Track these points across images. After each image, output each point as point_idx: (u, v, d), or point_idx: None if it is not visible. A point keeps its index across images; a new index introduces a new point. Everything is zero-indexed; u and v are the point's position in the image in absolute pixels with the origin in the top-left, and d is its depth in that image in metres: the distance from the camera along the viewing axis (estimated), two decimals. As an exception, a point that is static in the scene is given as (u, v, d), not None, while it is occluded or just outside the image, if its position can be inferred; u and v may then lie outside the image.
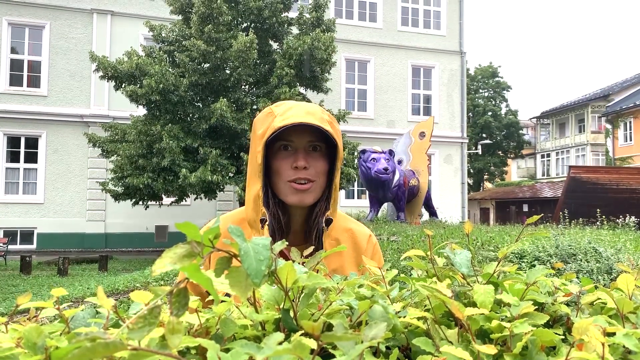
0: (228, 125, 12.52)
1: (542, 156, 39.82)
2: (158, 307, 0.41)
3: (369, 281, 0.67)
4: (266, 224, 1.19)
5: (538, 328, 0.54)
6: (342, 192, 19.35)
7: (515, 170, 45.70)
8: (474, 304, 0.59)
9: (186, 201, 15.50)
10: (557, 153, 37.80)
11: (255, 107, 13.27)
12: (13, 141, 17.43)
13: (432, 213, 11.21)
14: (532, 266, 4.18)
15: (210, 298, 0.49)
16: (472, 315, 0.55)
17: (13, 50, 17.62)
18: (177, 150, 12.22)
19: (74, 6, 17.82)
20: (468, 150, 26.43)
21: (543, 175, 39.34)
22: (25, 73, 17.55)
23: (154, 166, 12.59)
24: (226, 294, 0.59)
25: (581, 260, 4.81)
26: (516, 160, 44.70)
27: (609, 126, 30.36)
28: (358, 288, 0.65)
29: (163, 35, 14.34)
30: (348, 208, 15.19)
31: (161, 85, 12.29)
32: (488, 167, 38.91)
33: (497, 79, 39.82)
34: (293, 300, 0.58)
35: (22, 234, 17.13)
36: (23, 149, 17.44)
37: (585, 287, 0.70)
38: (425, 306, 0.63)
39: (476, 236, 6.54)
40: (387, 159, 8.70)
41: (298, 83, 14.08)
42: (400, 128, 19.63)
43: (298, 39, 13.64)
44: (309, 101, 11.21)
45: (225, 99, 12.37)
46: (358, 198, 20.19)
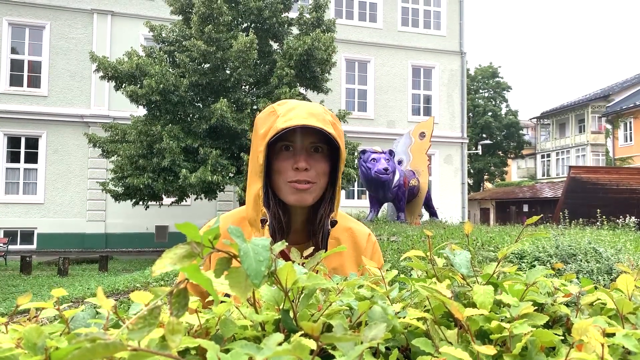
0: (228, 125, 12.52)
1: (542, 156, 39.81)
2: (158, 308, 0.41)
3: (369, 282, 0.67)
4: (266, 224, 1.19)
5: (537, 329, 0.54)
6: (342, 192, 19.29)
7: (515, 170, 45.69)
8: (474, 305, 0.59)
9: (186, 201, 15.51)
10: (557, 153, 37.79)
11: (255, 108, 13.27)
12: (13, 141, 17.44)
13: (432, 213, 11.21)
14: (532, 266, 4.18)
15: (210, 298, 0.49)
16: (472, 315, 0.55)
17: (13, 50, 17.62)
18: (178, 150, 12.23)
19: (74, 6, 17.82)
20: (468, 150, 26.43)
21: (543, 175, 39.33)
22: (25, 73, 17.56)
23: (154, 166, 12.60)
24: (226, 295, 0.59)
25: (581, 260, 4.81)
26: (516, 160, 44.70)
27: (609, 126, 30.35)
28: (358, 289, 0.65)
29: (163, 35, 14.34)
30: (348, 208, 15.16)
31: (161, 85, 12.30)
32: (488, 168, 38.91)
33: (497, 79, 39.82)
34: (293, 300, 0.58)
35: (23, 234, 17.14)
36: (23, 149, 17.44)
37: (585, 288, 0.70)
38: (425, 307, 0.63)
39: (476, 236, 6.54)
40: (387, 159, 8.70)
41: (298, 83, 14.08)
42: (400, 128, 19.64)
43: (298, 39, 13.63)
44: (310, 101, 11.20)
45: (225, 99, 12.38)
46: (358, 198, 20.19)
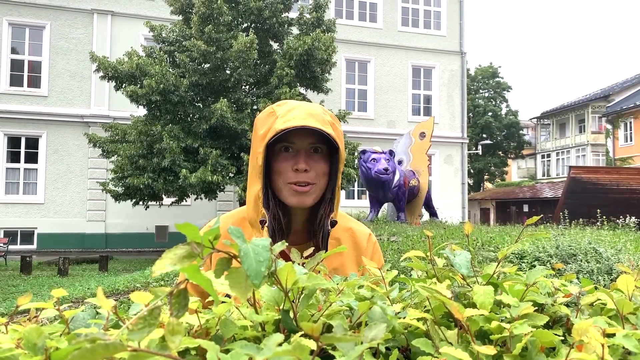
0: (228, 125, 12.52)
1: (543, 156, 39.81)
2: (158, 308, 0.41)
3: (369, 282, 0.67)
4: (266, 226, 1.19)
5: (538, 329, 0.54)
6: (342, 192, 19.33)
7: (515, 170, 45.69)
8: (474, 305, 0.59)
9: (186, 201, 15.52)
10: (558, 153, 37.78)
11: (255, 108, 13.27)
12: (13, 141, 17.44)
13: (433, 213, 11.21)
14: (532, 267, 4.18)
15: (210, 298, 0.49)
16: (472, 316, 0.55)
17: (13, 50, 17.63)
18: (178, 150, 12.23)
19: (74, 6, 17.82)
20: (468, 150, 26.42)
21: (543, 175, 39.33)
22: (25, 73, 17.56)
23: (154, 166, 12.60)
24: (226, 295, 0.59)
25: (581, 260, 4.80)
26: (516, 160, 44.70)
27: (609, 126, 30.35)
28: (358, 289, 0.65)
29: (163, 35, 14.34)
30: (348, 208, 15.16)
31: (161, 85, 12.30)
32: (488, 168, 38.91)
33: (498, 79, 39.82)
34: (293, 301, 0.58)
35: (23, 234, 17.14)
36: (23, 149, 17.45)
37: (585, 288, 0.70)
38: (425, 307, 0.63)
39: (476, 237, 6.54)
40: (388, 160, 8.70)
41: (298, 83, 14.08)
42: (400, 128, 19.64)
43: (298, 39, 13.63)
44: (310, 101, 11.20)
45: (225, 99, 12.38)
46: (358, 198, 20.20)
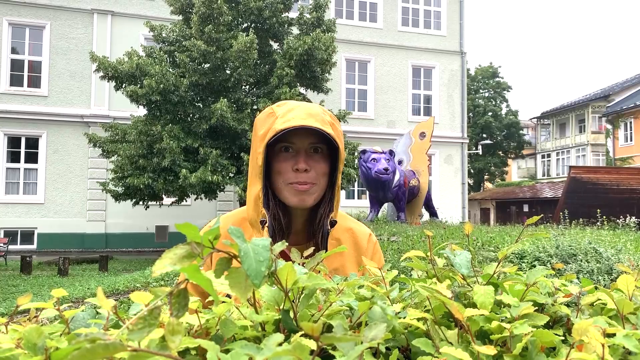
0: (228, 125, 12.52)
1: (543, 156, 39.81)
2: (158, 308, 0.41)
3: (369, 282, 0.67)
4: (266, 226, 1.19)
5: (538, 329, 0.54)
6: (342, 192, 19.34)
7: (515, 170, 45.68)
8: (474, 305, 0.59)
9: (186, 201, 15.52)
10: (558, 153, 37.79)
11: (255, 108, 13.27)
12: (13, 141, 17.44)
13: (433, 213, 11.20)
14: (533, 267, 4.18)
15: (210, 298, 0.49)
16: (472, 316, 0.55)
17: (13, 50, 17.62)
18: (178, 150, 12.23)
19: (74, 6, 17.82)
20: (468, 150, 26.42)
21: (543, 175, 39.33)
22: (25, 73, 17.56)
23: (155, 166, 12.60)
24: (226, 295, 0.59)
25: (581, 260, 4.80)
26: (516, 160, 44.69)
27: (610, 126, 30.36)
28: (358, 289, 0.65)
29: (163, 35, 14.34)
30: (348, 208, 15.19)
31: (161, 85, 12.30)
32: (488, 168, 38.90)
33: (498, 79, 39.80)
34: (293, 301, 0.58)
35: (23, 234, 17.14)
36: (23, 149, 17.45)
37: (585, 288, 0.70)
38: (425, 307, 0.63)
39: (476, 237, 6.53)
40: (388, 159, 8.69)
41: (298, 83, 14.08)
42: (400, 128, 19.64)
43: (298, 39, 13.63)
44: (310, 101, 11.21)
45: (225, 99, 12.38)
46: (358, 198, 20.20)
